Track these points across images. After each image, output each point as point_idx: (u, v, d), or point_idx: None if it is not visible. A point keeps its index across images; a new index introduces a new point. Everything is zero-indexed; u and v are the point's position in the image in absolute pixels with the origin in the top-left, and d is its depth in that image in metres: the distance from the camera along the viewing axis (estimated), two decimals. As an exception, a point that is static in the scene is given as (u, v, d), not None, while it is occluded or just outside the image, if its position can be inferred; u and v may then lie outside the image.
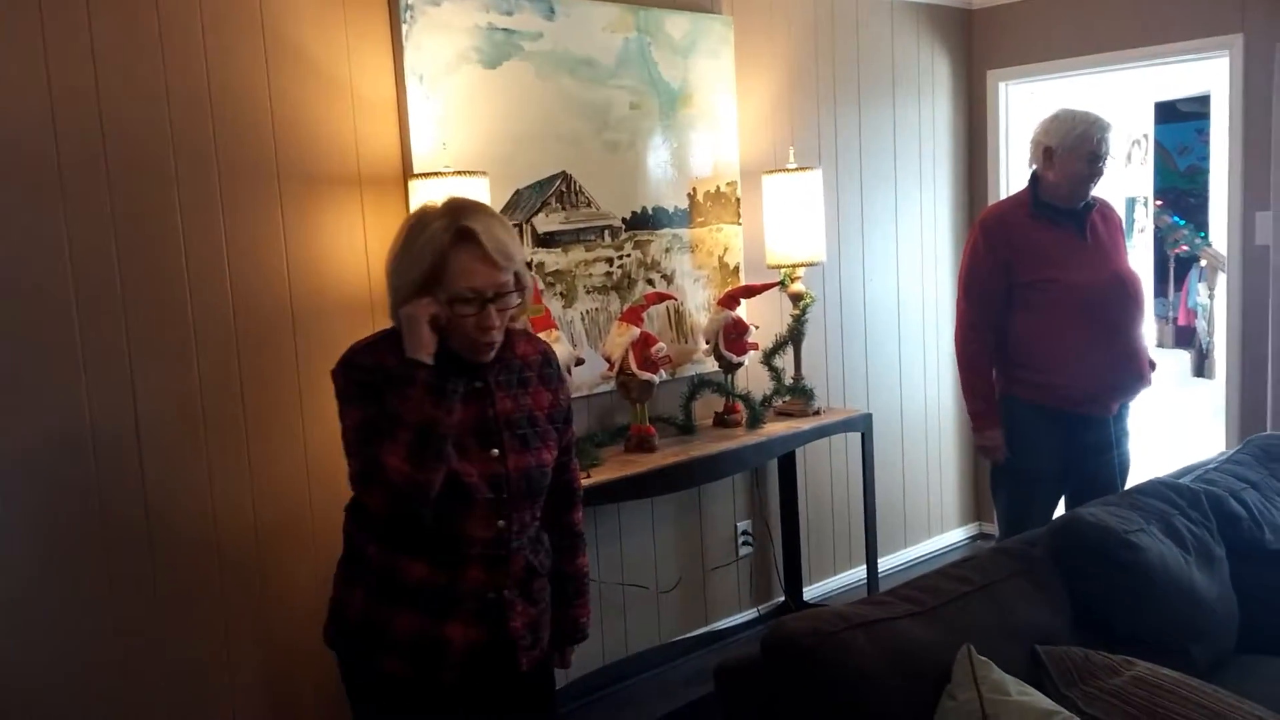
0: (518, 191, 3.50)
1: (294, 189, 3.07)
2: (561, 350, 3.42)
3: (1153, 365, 3.63)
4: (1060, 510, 3.67)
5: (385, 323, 2.08)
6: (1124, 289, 3.50)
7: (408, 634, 2.02)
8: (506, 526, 2.06)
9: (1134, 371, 3.54)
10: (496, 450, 2.05)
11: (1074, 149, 3.44)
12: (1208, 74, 5.67)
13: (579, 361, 3.49)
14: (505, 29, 3.45)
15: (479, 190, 3.13)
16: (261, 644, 3.07)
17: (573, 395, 3.45)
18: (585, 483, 3.28)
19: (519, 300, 2.03)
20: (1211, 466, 3.11)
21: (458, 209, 2.00)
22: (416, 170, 3.22)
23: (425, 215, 2.00)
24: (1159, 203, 8.84)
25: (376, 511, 1.97)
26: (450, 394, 1.94)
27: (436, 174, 3.10)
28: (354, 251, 3.19)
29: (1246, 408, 4.50)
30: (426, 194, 3.10)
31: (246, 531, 3.03)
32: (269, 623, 3.08)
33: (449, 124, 3.33)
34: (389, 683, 2.05)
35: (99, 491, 2.77)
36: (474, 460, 2.02)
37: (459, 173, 3.12)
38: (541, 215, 3.57)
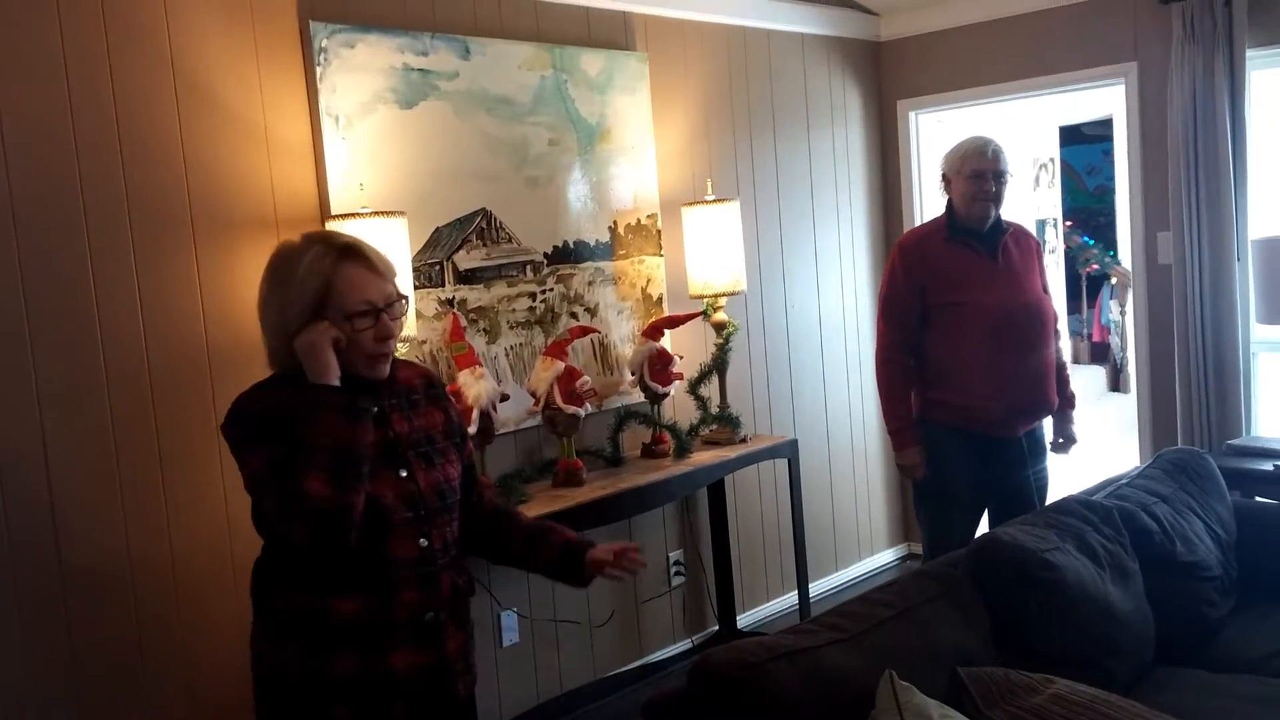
0: (437, 229, 3.50)
1: (208, 233, 3.04)
2: (486, 386, 3.41)
3: (1069, 400, 3.76)
4: (984, 529, 3.74)
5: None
6: (1030, 314, 3.59)
7: (351, 674, 1.99)
8: (429, 545, 2.07)
9: (1037, 395, 3.62)
10: (405, 471, 2.07)
11: (959, 170, 3.63)
12: (1110, 98, 5.86)
13: (504, 397, 3.49)
14: (421, 69, 3.45)
15: (398, 230, 3.12)
16: (183, 696, 3.00)
17: (499, 431, 3.50)
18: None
19: (405, 308, 2.09)
20: (1124, 482, 3.20)
21: (325, 235, 2.09)
22: (334, 211, 3.21)
23: (294, 249, 2.03)
24: (1069, 223, 9.10)
25: (298, 545, 1.93)
26: (363, 413, 1.98)
27: (354, 214, 3.09)
28: (272, 294, 3.15)
29: (1158, 422, 4.63)
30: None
31: (165, 581, 2.96)
32: (190, 674, 3.00)
33: (366, 165, 3.32)
34: None
35: (8, 540, 2.69)
36: (385, 483, 2.03)
37: (376, 213, 3.11)
38: (462, 252, 3.57)
